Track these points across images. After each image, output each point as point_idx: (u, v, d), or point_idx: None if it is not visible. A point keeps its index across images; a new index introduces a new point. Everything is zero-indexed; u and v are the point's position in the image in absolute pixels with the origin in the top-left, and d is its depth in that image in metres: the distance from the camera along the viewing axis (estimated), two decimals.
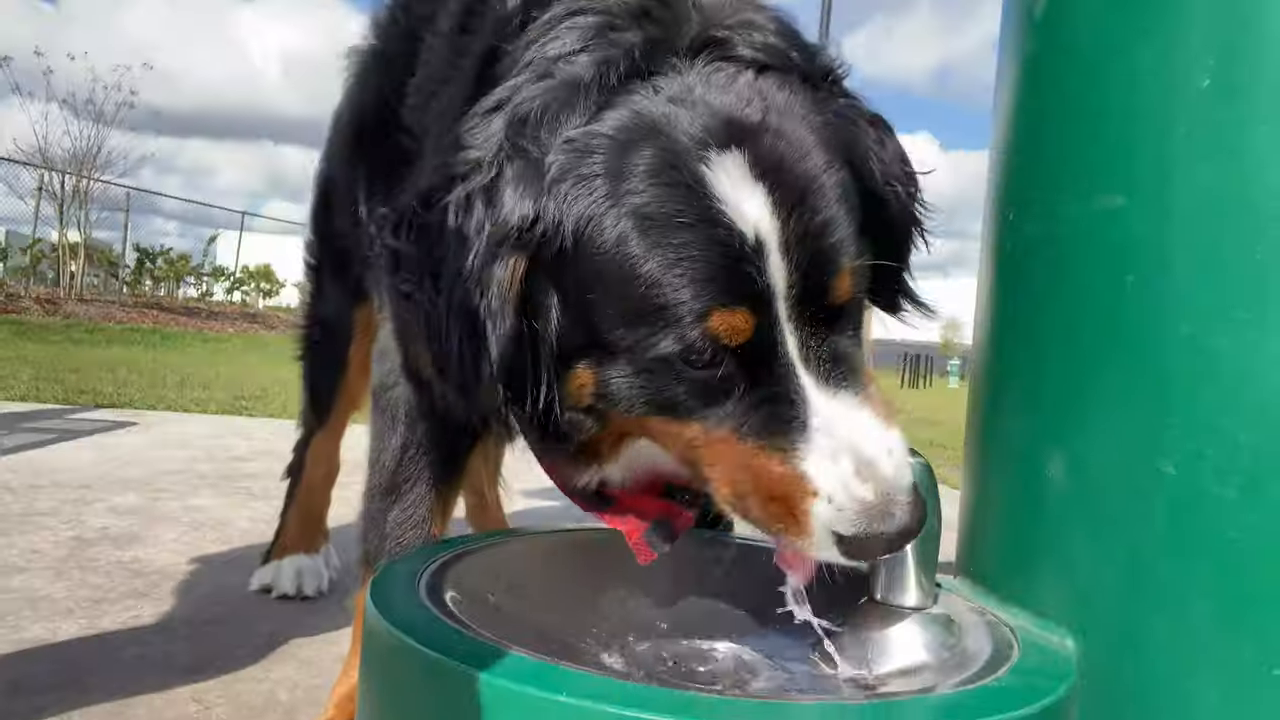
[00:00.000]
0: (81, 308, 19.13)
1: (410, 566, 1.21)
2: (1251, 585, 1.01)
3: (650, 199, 1.05)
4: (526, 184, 1.10)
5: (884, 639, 1.17)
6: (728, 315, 1.03)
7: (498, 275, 1.09)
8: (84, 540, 3.11)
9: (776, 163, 1.07)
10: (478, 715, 0.88)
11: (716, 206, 1.04)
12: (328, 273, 2.57)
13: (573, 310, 1.11)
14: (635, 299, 1.05)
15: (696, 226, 1.04)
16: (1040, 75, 1.24)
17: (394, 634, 0.98)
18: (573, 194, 1.08)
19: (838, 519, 1.02)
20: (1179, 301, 1.06)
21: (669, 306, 1.03)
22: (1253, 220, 1.02)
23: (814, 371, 1.07)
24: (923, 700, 0.98)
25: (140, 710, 1.90)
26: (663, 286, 1.03)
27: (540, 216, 1.09)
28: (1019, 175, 1.27)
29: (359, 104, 1.91)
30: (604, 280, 1.07)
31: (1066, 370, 1.16)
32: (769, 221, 1.04)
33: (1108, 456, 1.11)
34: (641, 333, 1.06)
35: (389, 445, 1.73)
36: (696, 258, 1.03)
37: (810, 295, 1.06)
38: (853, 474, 1.02)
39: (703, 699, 0.89)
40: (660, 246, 1.04)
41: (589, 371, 1.13)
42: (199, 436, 5.76)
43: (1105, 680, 1.09)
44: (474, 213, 1.11)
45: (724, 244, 1.03)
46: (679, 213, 1.04)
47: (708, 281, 1.03)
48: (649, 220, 1.05)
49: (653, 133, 1.08)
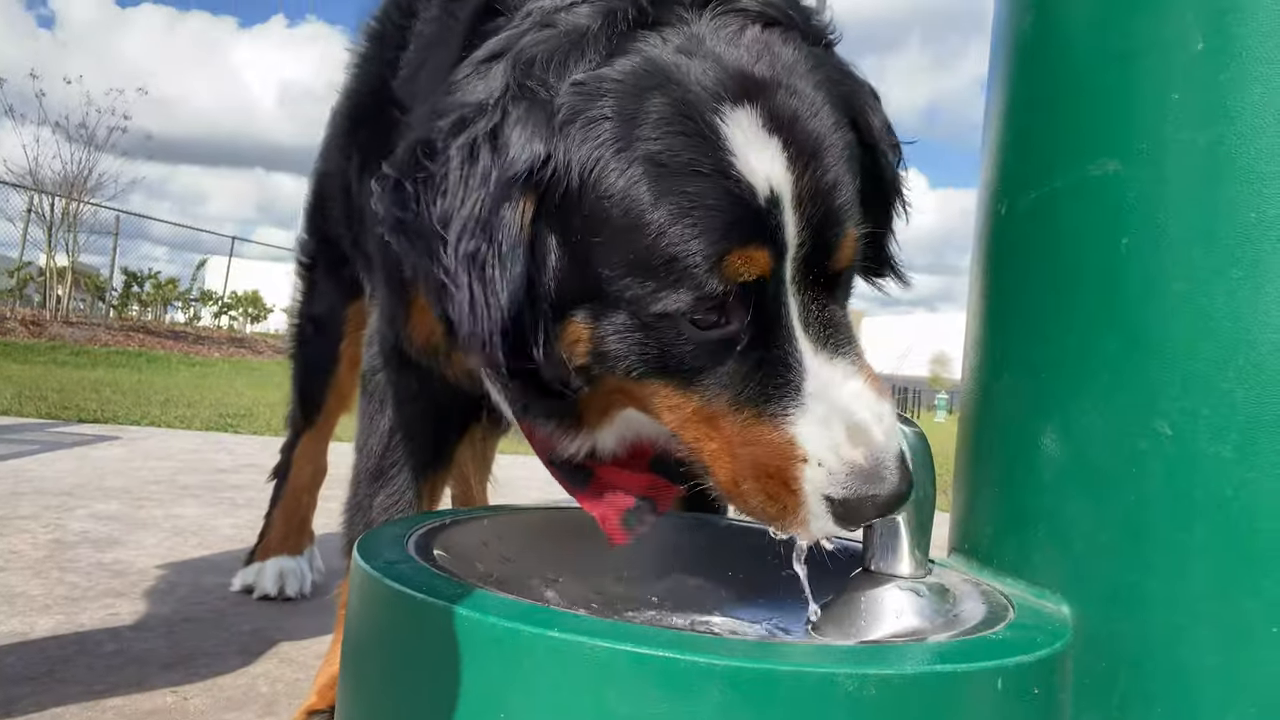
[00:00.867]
0: (67, 330, 19.02)
1: (398, 530, 1.20)
2: (1250, 543, 1.00)
3: (664, 146, 1.04)
4: (535, 124, 1.07)
5: (877, 607, 1.16)
6: (748, 252, 1.02)
7: (508, 218, 1.07)
8: (63, 543, 3.07)
9: (790, 118, 1.07)
10: (469, 657, 0.86)
11: (731, 158, 1.03)
12: (321, 270, 2.56)
13: (575, 258, 1.09)
14: (643, 248, 1.03)
15: (711, 176, 1.02)
16: (1033, 42, 1.25)
17: (382, 581, 0.96)
18: (582, 136, 1.06)
19: (829, 481, 1.01)
20: (1174, 262, 1.06)
21: (679, 257, 1.02)
22: (1247, 181, 1.03)
23: (812, 336, 1.06)
24: (917, 646, 0.96)
25: (116, 702, 1.86)
26: (673, 235, 1.02)
27: (551, 157, 1.06)
28: (1012, 147, 1.27)
29: (353, 91, 1.90)
30: (611, 226, 1.05)
31: (1061, 336, 1.16)
32: (783, 176, 1.04)
33: (1103, 420, 1.10)
34: (647, 285, 1.04)
35: (377, 429, 1.72)
36: (711, 207, 1.02)
37: (816, 256, 1.06)
38: (844, 438, 1.02)
39: (694, 636, 0.88)
40: (673, 194, 1.02)
41: (585, 327, 1.10)
42: (183, 450, 5.71)
43: (1102, 646, 1.07)
44: (480, 158, 1.08)
45: (739, 195, 1.02)
46: (693, 161, 1.03)
47: (725, 229, 1.02)
48: (662, 167, 1.03)
49: (665, 80, 1.07)
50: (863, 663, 0.85)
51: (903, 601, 1.14)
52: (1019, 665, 0.91)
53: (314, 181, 2.46)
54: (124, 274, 24.63)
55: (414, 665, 0.92)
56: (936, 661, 0.87)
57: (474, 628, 0.86)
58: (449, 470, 1.80)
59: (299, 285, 2.68)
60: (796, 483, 1.04)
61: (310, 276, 2.62)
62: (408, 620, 0.93)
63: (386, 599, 0.96)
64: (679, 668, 0.80)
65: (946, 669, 0.86)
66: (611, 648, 0.81)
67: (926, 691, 0.85)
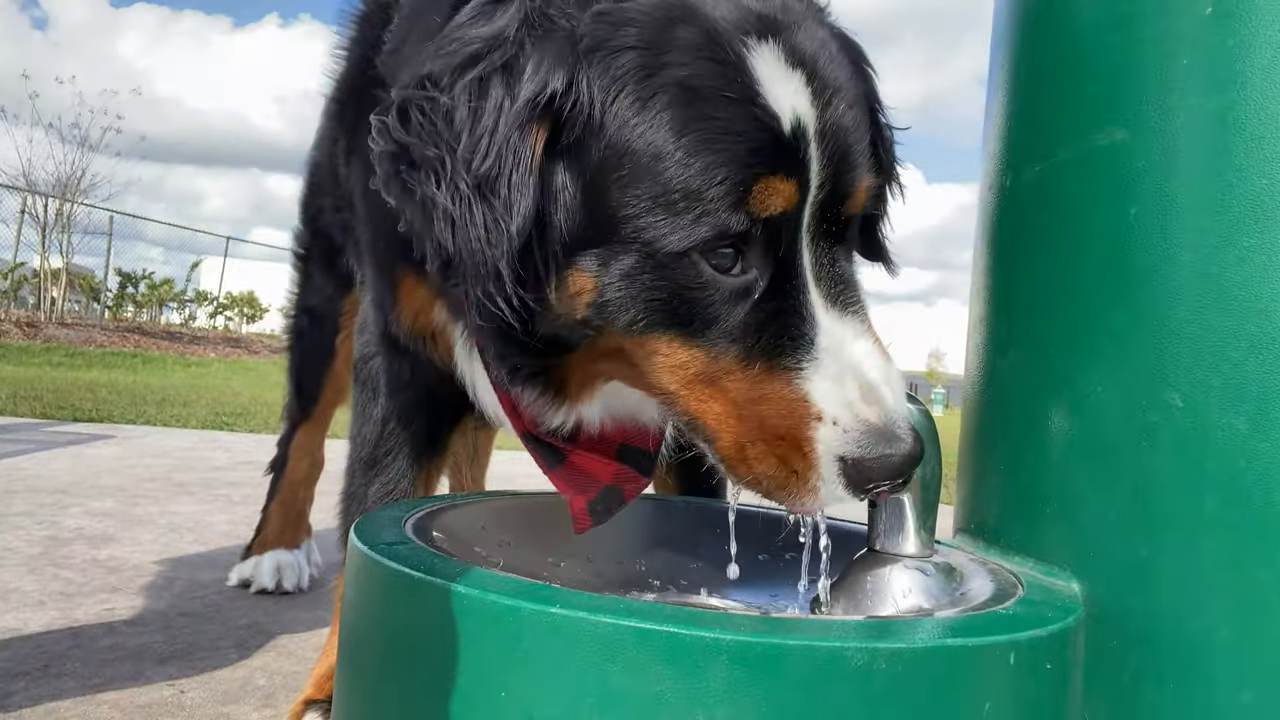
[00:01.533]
0: (62, 331, 18.95)
1: (395, 513, 1.17)
2: (1263, 516, 0.98)
3: (692, 72, 1.02)
4: (554, 55, 1.04)
5: (883, 586, 1.14)
6: (774, 182, 1.00)
7: (520, 145, 1.03)
8: (58, 540, 3.04)
9: (811, 57, 1.06)
10: (469, 636, 0.84)
11: (759, 87, 1.01)
12: (316, 261, 2.54)
13: (589, 195, 1.05)
14: (666, 177, 1.00)
15: (740, 103, 1.00)
16: (1037, 8, 1.23)
17: (380, 562, 0.94)
18: (605, 64, 1.03)
19: (843, 441, 0.98)
20: (1183, 231, 1.04)
21: (704, 188, 0.99)
22: (1257, 147, 1.01)
23: (824, 290, 1.04)
24: (929, 620, 0.94)
25: (112, 696, 1.84)
26: (699, 164, 0.99)
27: (571, 85, 1.03)
28: (1017, 118, 1.25)
29: (340, 76, 1.88)
30: (632, 157, 1.02)
31: (1068, 309, 1.14)
32: (808, 109, 1.02)
33: (1112, 392, 1.09)
34: (667, 219, 1.00)
35: (371, 417, 1.70)
36: (739, 134, 1.00)
37: (832, 201, 1.04)
38: (858, 396, 0.99)
39: (700, 612, 0.86)
40: (701, 119, 1.00)
41: (591, 276, 1.06)
42: (179, 448, 5.68)
43: (1112, 622, 1.05)
44: (492, 91, 1.05)
45: (766, 124, 1.01)
46: (722, 87, 1.01)
47: (751, 155, 0.99)
48: (690, 91, 1.01)
49: (690, 14, 1.05)
50: (873, 636, 0.83)
51: (909, 580, 1.13)
52: (1032, 639, 0.89)
53: (307, 171, 2.44)
54: (118, 275, 24.54)
55: (412, 647, 0.90)
56: (948, 635, 0.85)
57: (474, 606, 0.84)
58: (444, 458, 1.77)
59: (294, 277, 2.66)
60: (810, 443, 1.00)
61: (305, 268, 2.60)
62: (406, 601, 0.91)
63: (384, 580, 0.94)
64: (684, 643, 0.78)
65: (958, 643, 0.84)
66: (615, 623, 0.79)
67: (938, 665, 0.83)
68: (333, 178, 1.94)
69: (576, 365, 1.17)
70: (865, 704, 0.80)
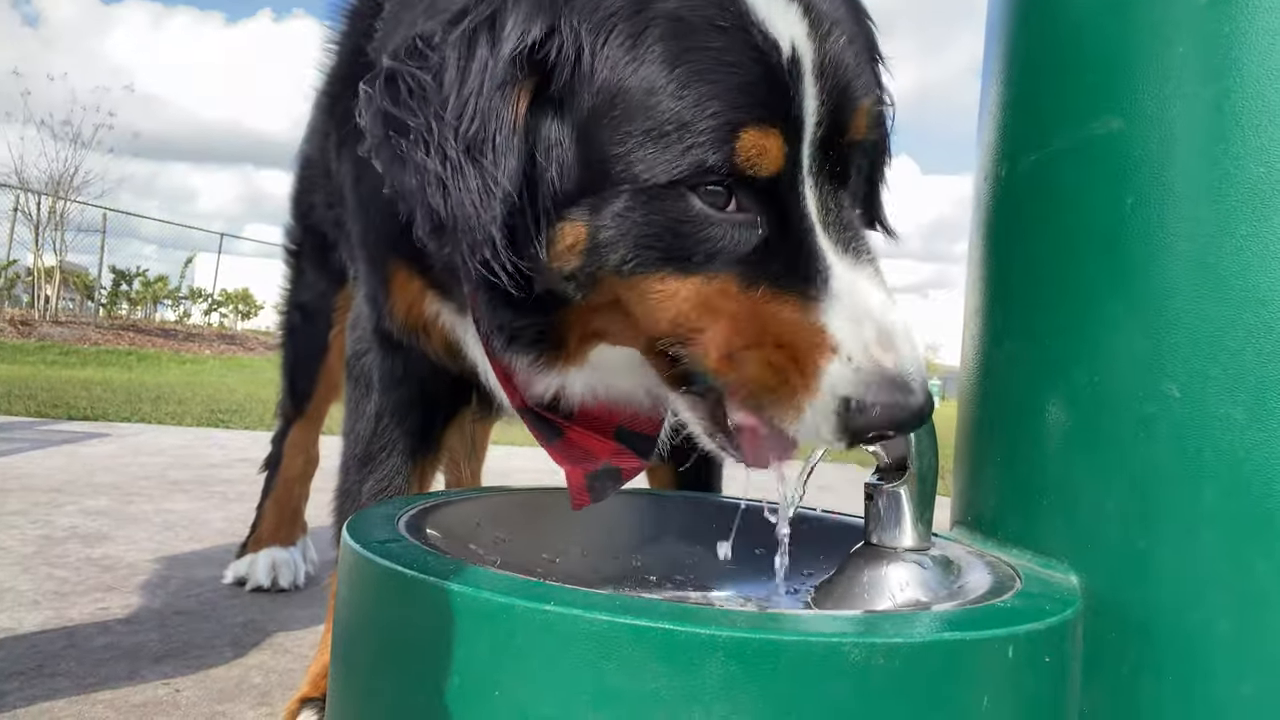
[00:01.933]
0: (56, 330, 18.90)
1: (388, 510, 1.16)
2: (1263, 506, 0.97)
3: (684, 4, 0.99)
4: (534, 3, 1.02)
5: (880, 580, 1.13)
6: (760, 136, 0.97)
7: (504, 106, 1.01)
8: (52, 539, 3.03)
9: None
10: (462, 634, 0.83)
11: (754, 16, 0.99)
12: (308, 257, 2.52)
13: (583, 140, 1.02)
14: (658, 111, 0.97)
15: (732, 33, 0.98)
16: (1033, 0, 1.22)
17: (372, 560, 0.93)
18: (590, 9, 1.01)
19: (854, 380, 0.93)
20: (1180, 220, 1.03)
21: (694, 121, 0.96)
22: (1254, 134, 1.00)
23: (832, 236, 1.01)
24: (925, 614, 0.94)
25: (107, 695, 1.83)
26: (691, 95, 0.96)
27: (553, 32, 1.01)
28: (1011, 106, 1.24)
29: (331, 68, 1.86)
30: (625, 95, 1.00)
31: (1064, 300, 1.13)
32: (805, 40, 1.00)
33: (1109, 383, 1.08)
34: (654, 152, 0.97)
35: (364, 413, 1.68)
36: (733, 64, 0.97)
37: (834, 131, 1.01)
38: (874, 340, 0.95)
39: (695, 608, 0.85)
40: (693, 50, 0.98)
41: (581, 224, 1.03)
42: (174, 446, 5.66)
43: (1111, 614, 1.05)
44: (478, 46, 1.03)
45: (762, 54, 0.98)
46: (715, 17, 0.99)
47: (744, 90, 0.97)
48: (681, 23, 0.99)
49: None
50: (870, 631, 0.82)
51: (906, 574, 1.12)
52: (1030, 633, 0.88)
53: (298, 166, 2.43)
54: (112, 272, 24.49)
55: (406, 645, 0.90)
56: (946, 629, 0.84)
57: (467, 604, 0.83)
58: (440, 455, 1.76)
59: (286, 273, 2.65)
60: (814, 369, 0.95)
61: (298, 264, 2.58)
62: (399, 599, 0.90)
63: (377, 578, 0.93)
64: (680, 640, 0.77)
65: (956, 637, 0.83)
66: (610, 621, 0.78)
67: (936, 660, 0.82)
68: (324, 172, 1.93)
69: (572, 324, 1.14)
70: (862, 699, 0.79)
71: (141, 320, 23.77)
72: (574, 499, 1.27)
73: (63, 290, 22.61)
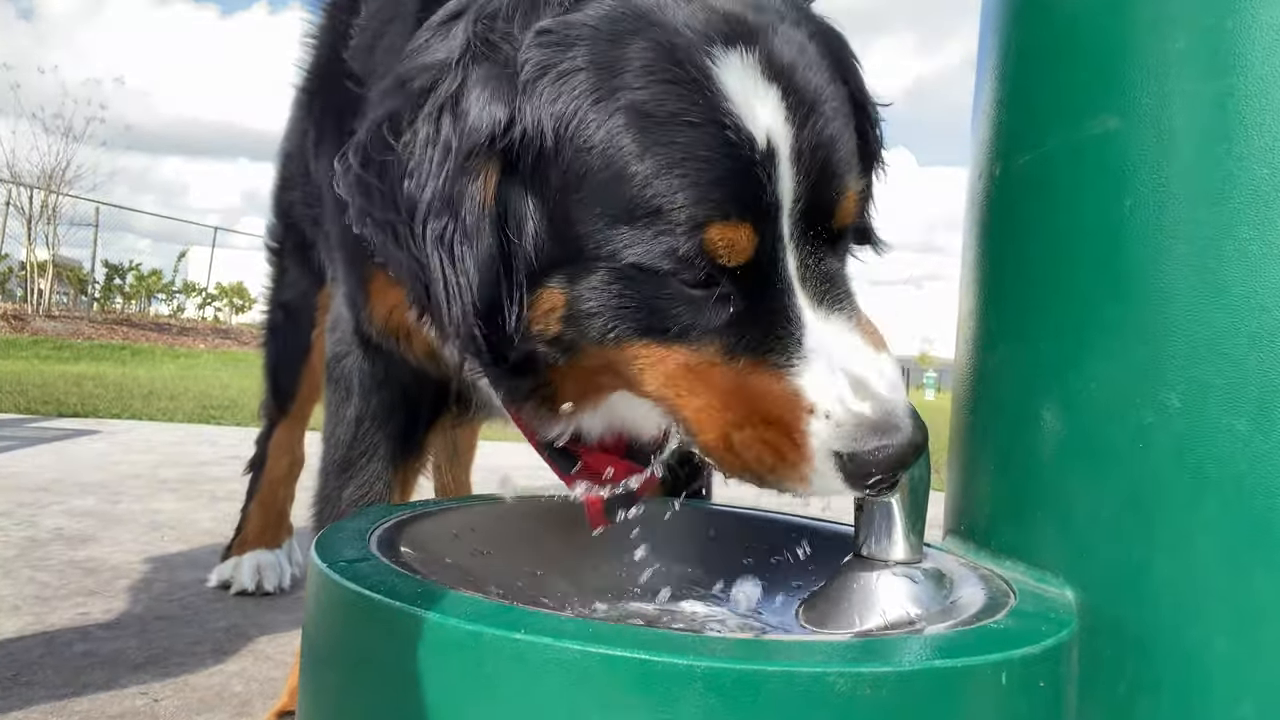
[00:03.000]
0: (49, 324, 18.82)
1: (361, 524, 1.12)
2: (1265, 520, 0.93)
3: (649, 96, 0.97)
4: (496, 86, 1.00)
5: (870, 594, 1.09)
6: (729, 230, 0.95)
7: (469, 191, 1.00)
8: (36, 541, 2.99)
9: (788, 67, 1.00)
10: (430, 663, 0.80)
11: (725, 106, 0.96)
12: (290, 255, 2.49)
13: (554, 218, 1.01)
14: (626, 199, 0.96)
15: (703, 126, 0.95)
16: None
17: (337, 582, 0.89)
18: (554, 92, 0.99)
19: (837, 435, 0.94)
20: (1180, 223, 1.00)
21: (664, 210, 0.95)
22: (1258, 134, 0.96)
23: (809, 292, 1.00)
24: (915, 638, 0.90)
25: (84, 705, 1.79)
26: (660, 187, 0.95)
27: (515, 119, 1.00)
28: (1005, 105, 1.20)
29: (309, 65, 1.82)
30: (591, 179, 0.98)
31: (1060, 304, 1.10)
32: (782, 127, 0.97)
33: (1106, 392, 1.04)
34: (628, 235, 0.96)
35: (344, 418, 1.65)
36: (702, 159, 0.95)
37: (815, 212, 0.99)
38: (849, 392, 0.95)
39: (672, 635, 0.81)
40: (660, 145, 0.95)
41: (561, 292, 1.03)
42: (164, 443, 5.62)
43: (1107, 630, 1.01)
44: (442, 129, 1.02)
45: (733, 147, 0.95)
46: (683, 111, 0.96)
47: (713, 185, 0.95)
48: (648, 118, 0.96)
49: (646, 24, 0.99)
50: (856, 660, 0.78)
51: (897, 588, 1.08)
52: (1024, 657, 0.85)
53: (279, 163, 2.38)
54: (105, 266, 24.37)
55: (373, 671, 0.86)
56: (935, 656, 0.80)
57: (434, 631, 0.79)
58: (423, 459, 1.73)
59: (270, 271, 2.61)
60: (801, 435, 0.96)
61: (280, 262, 2.55)
62: (365, 624, 0.86)
63: (343, 601, 0.89)
64: (656, 670, 0.74)
65: (946, 664, 0.80)
66: (583, 650, 0.74)
67: (925, 688, 0.78)
68: (303, 170, 1.89)
69: (571, 379, 1.14)
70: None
71: (135, 315, 23.66)
72: (591, 522, 1.27)
73: (56, 285, 22.50)
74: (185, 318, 25.50)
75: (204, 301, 27.22)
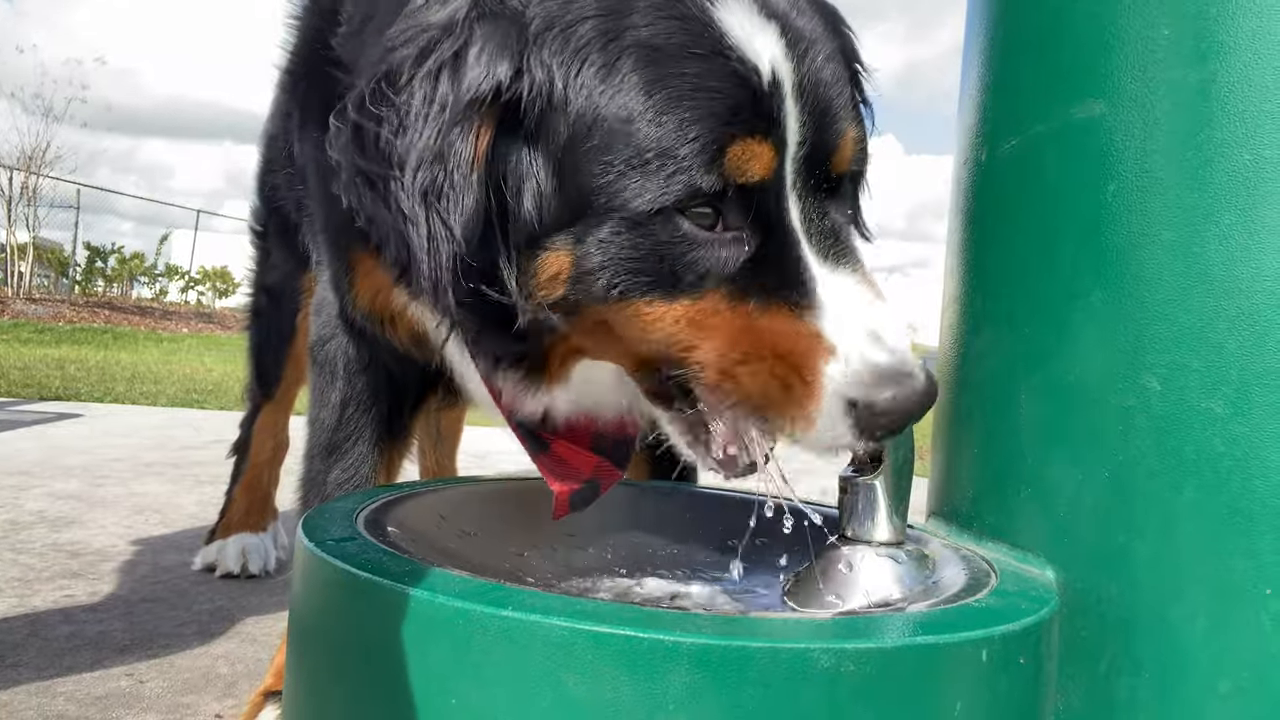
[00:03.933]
0: (30, 307, 18.64)
1: (347, 505, 1.13)
2: (1242, 502, 0.95)
3: (657, 31, 0.98)
4: (500, 42, 1.00)
5: (853, 574, 1.10)
6: (751, 145, 0.96)
7: (459, 148, 1.00)
8: (18, 524, 2.97)
9: (785, 10, 1.03)
10: (418, 640, 0.80)
11: (730, 39, 0.97)
12: (274, 238, 2.47)
13: (562, 172, 1.01)
14: (638, 138, 0.96)
15: (710, 58, 0.97)
16: None
17: (325, 560, 0.89)
18: (561, 41, 1.00)
19: (853, 382, 0.94)
20: (1163, 208, 1.01)
21: (678, 146, 0.95)
22: (1241, 121, 0.97)
23: (815, 246, 1.00)
24: (898, 616, 0.91)
25: (69, 686, 1.79)
26: (672, 121, 0.95)
27: (523, 70, 1.00)
28: (991, 89, 1.21)
29: (293, 46, 1.81)
30: (603, 123, 0.98)
31: (1043, 288, 1.11)
32: (784, 62, 0.98)
33: (1088, 375, 1.05)
34: (639, 182, 0.96)
35: (329, 401, 1.64)
36: (713, 89, 0.96)
37: (816, 157, 1.00)
38: (866, 341, 0.95)
39: (658, 612, 0.82)
40: (670, 77, 0.96)
41: (566, 253, 1.02)
42: (147, 427, 5.58)
43: (1088, 610, 1.03)
44: (439, 86, 1.01)
45: (741, 78, 0.97)
46: (690, 44, 0.97)
47: (728, 113, 0.96)
48: (656, 51, 0.97)
49: None
50: (839, 637, 0.79)
51: (880, 568, 1.09)
52: (1005, 634, 0.86)
53: (262, 145, 2.37)
54: (87, 249, 24.13)
55: (361, 649, 0.86)
56: (917, 633, 0.82)
57: (422, 609, 0.80)
58: (408, 442, 1.73)
59: (253, 254, 2.60)
60: (814, 374, 0.95)
61: (263, 245, 2.53)
62: (353, 602, 0.87)
63: (330, 580, 0.89)
64: (642, 646, 0.74)
65: (928, 641, 0.81)
66: (570, 627, 0.75)
67: (907, 665, 0.80)
68: (286, 153, 1.88)
69: (557, 345, 1.14)
70: (832, 707, 0.76)
71: (117, 298, 23.45)
72: (556, 510, 1.27)
73: (36, 267, 22.27)
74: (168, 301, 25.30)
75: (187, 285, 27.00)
